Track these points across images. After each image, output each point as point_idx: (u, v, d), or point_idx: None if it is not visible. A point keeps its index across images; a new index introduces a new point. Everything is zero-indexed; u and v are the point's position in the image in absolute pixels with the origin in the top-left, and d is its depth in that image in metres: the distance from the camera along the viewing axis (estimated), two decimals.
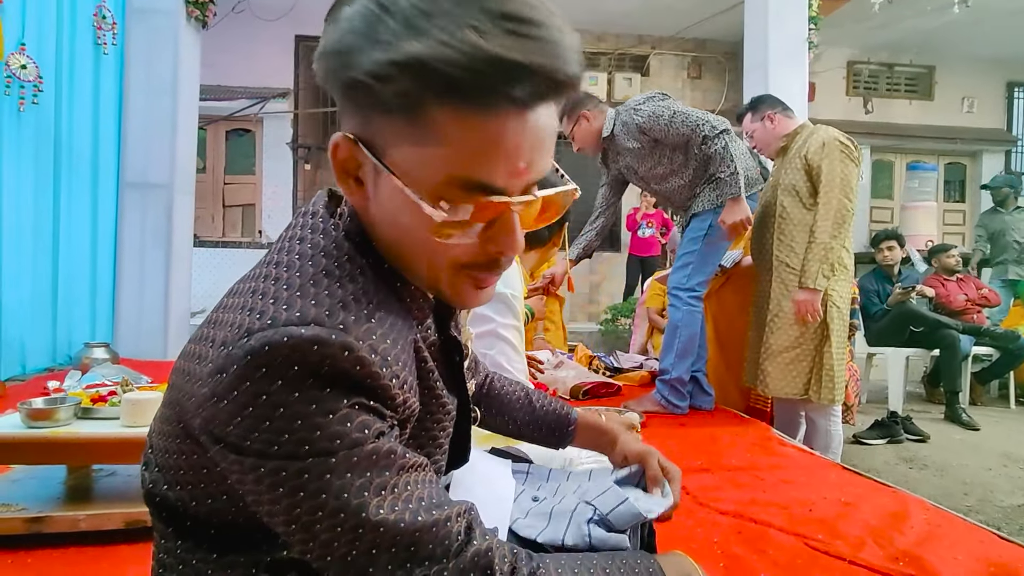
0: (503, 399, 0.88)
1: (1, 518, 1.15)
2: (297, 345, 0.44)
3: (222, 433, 0.45)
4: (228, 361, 0.45)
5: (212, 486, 0.51)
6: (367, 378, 0.46)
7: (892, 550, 1.26)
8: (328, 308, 0.47)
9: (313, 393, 0.44)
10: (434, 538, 0.47)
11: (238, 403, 0.44)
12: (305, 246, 0.52)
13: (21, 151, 2.84)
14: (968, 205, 7.55)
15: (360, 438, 0.45)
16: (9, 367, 2.79)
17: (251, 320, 0.46)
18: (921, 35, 6.47)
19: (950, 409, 3.81)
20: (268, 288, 0.49)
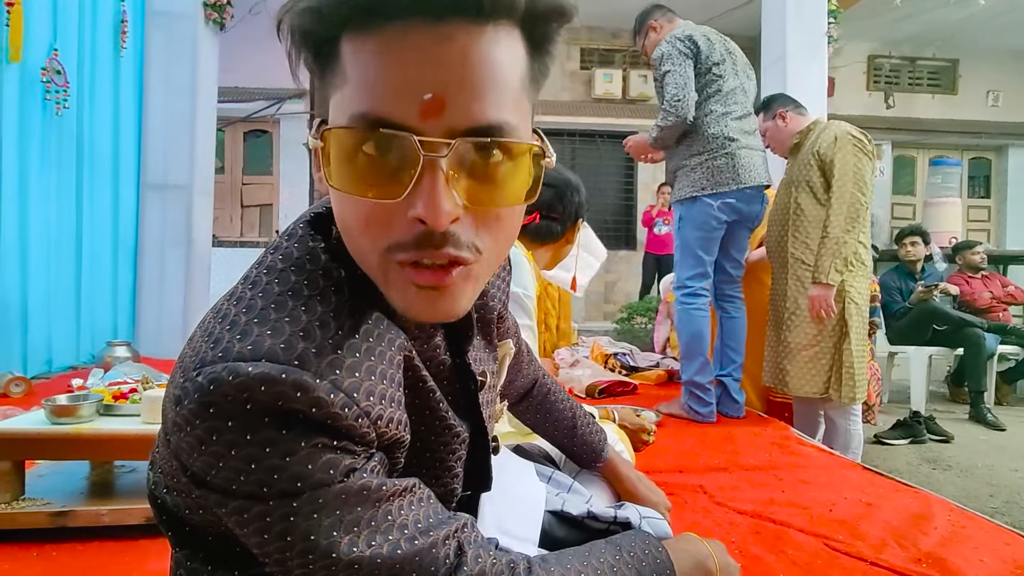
0: (550, 412, 0.90)
1: (27, 512, 1.18)
2: (244, 384, 0.40)
3: (188, 462, 0.43)
4: (183, 393, 0.42)
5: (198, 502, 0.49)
6: (326, 419, 0.42)
7: (915, 551, 1.23)
8: (285, 339, 0.42)
9: (267, 434, 0.40)
10: (418, 568, 0.44)
11: (196, 437, 0.41)
12: (277, 258, 0.48)
13: (46, 154, 2.90)
14: (994, 201, 7.39)
15: (325, 479, 0.42)
16: (35, 365, 2.85)
17: (206, 349, 0.42)
18: (944, 27, 6.34)
19: (975, 409, 3.73)
20: (230, 310, 0.45)
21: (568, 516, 0.72)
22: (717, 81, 2.29)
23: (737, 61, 2.38)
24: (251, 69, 6.16)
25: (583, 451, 0.92)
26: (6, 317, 2.67)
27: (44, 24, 2.79)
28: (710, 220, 2.31)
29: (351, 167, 0.42)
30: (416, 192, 0.40)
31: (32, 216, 2.80)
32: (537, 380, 0.90)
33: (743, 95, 2.36)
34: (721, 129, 2.29)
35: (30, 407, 1.74)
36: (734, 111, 2.31)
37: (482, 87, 0.41)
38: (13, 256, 2.70)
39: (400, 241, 0.42)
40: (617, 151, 6.94)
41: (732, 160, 2.27)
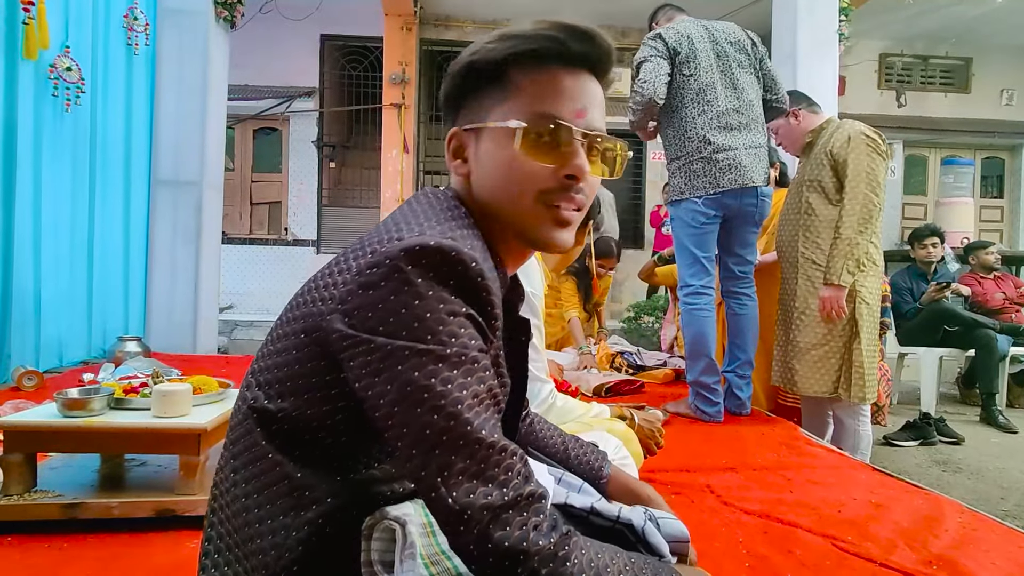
0: (540, 443, 0.92)
1: (39, 503, 1.19)
2: (441, 249, 0.55)
3: (363, 317, 0.55)
4: (383, 256, 0.56)
5: (319, 393, 0.59)
6: (483, 291, 0.57)
7: (925, 553, 1.22)
8: (455, 235, 0.59)
9: (445, 293, 0.55)
10: (502, 463, 0.53)
11: (386, 290, 0.54)
12: (425, 203, 0.66)
13: (59, 151, 2.92)
14: (1007, 201, 7.30)
15: (470, 344, 0.55)
16: (48, 360, 2.87)
17: (399, 233, 0.58)
18: (958, 25, 6.27)
19: (986, 411, 3.69)
20: (403, 221, 0.61)
21: (572, 510, 0.72)
22: (688, 80, 2.27)
23: (725, 53, 2.30)
24: (261, 67, 6.19)
25: (584, 470, 0.91)
26: (20, 312, 2.69)
27: (56, 22, 2.81)
28: (697, 216, 2.32)
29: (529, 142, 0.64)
30: (571, 160, 0.64)
31: (45, 212, 2.83)
32: (527, 415, 0.93)
33: (727, 90, 2.27)
34: (696, 132, 2.27)
35: (42, 401, 1.76)
36: (711, 111, 2.25)
37: (599, 108, 0.68)
38: (26, 252, 2.73)
39: (551, 188, 0.64)
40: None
41: (708, 164, 2.26)
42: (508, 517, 0.51)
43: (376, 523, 0.59)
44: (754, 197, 2.32)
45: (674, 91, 2.30)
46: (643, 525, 0.71)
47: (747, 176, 2.26)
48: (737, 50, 2.33)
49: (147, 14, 3.51)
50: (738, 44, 2.34)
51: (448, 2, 6.12)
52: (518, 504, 0.52)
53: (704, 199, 2.29)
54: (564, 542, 0.53)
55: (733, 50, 2.33)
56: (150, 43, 3.56)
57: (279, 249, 6.62)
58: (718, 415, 2.35)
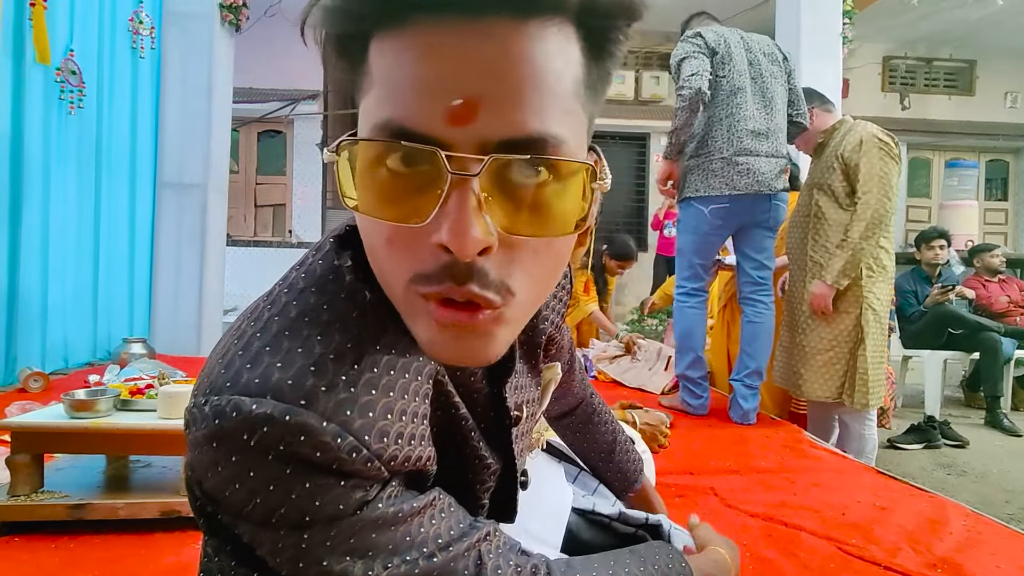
0: (590, 434, 0.88)
1: (45, 505, 1.20)
2: (247, 421, 0.38)
3: (203, 479, 0.41)
4: (191, 418, 0.41)
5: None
6: (332, 463, 0.39)
7: (930, 557, 1.22)
8: (294, 374, 0.39)
9: (271, 472, 0.38)
10: (449, 559, 0.43)
11: (207, 460, 0.40)
12: (300, 275, 0.45)
13: (65, 154, 2.94)
14: (1011, 203, 7.28)
15: (334, 513, 0.40)
16: (53, 361, 2.89)
17: (218, 371, 0.41)
18: (961, 28, 6.26)
19: (991, 414, 3.68)
20: (247, 328, 0.43)
21: (597, 517, 0.72)
22: (721, 81, 2.27)
23: (757, 62, 2.32)
24: (266, 70, 6.21)
25: (616, 478, 0.90)
26: (26, 313, 2.71)
27: (61, 25, 2.83)
28: (702, 224, 2.34)
29: (372, 183, 0.36)
30: (442, 215, 0.35)
31: (52, 214, 2.84)
32: (584, 400, 0.87)
33: (756, 97, 2.29)
34: (721, 133, 2.27)
35: (48, 402, 1.77)
36: (738, 114, 2.26)
37: (523, 91, 0.34)
38: (33, 254, 2.74)
39: (424, 271, 0.37)
40: (629, 152, 6.92)
41: (728, 166, 2.26)
42: None
43: None
44: (767, 202, 2.32)
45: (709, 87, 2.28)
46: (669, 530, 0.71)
47: (763, 183, 2.26)
48: (770, 61, 2.35)
49: (152, 18, 3.53)
50: (771, 56, 2.36)
51: None
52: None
53: (714, 207, 2.29)
54: None
55: (766, 61, 2.34)
56: (155, 46, 3.58)
57: (283, 251, 6.63)
58: (702, 408, 2.44)
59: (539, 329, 0.59)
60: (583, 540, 0.70)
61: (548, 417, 0.91)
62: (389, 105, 0.36)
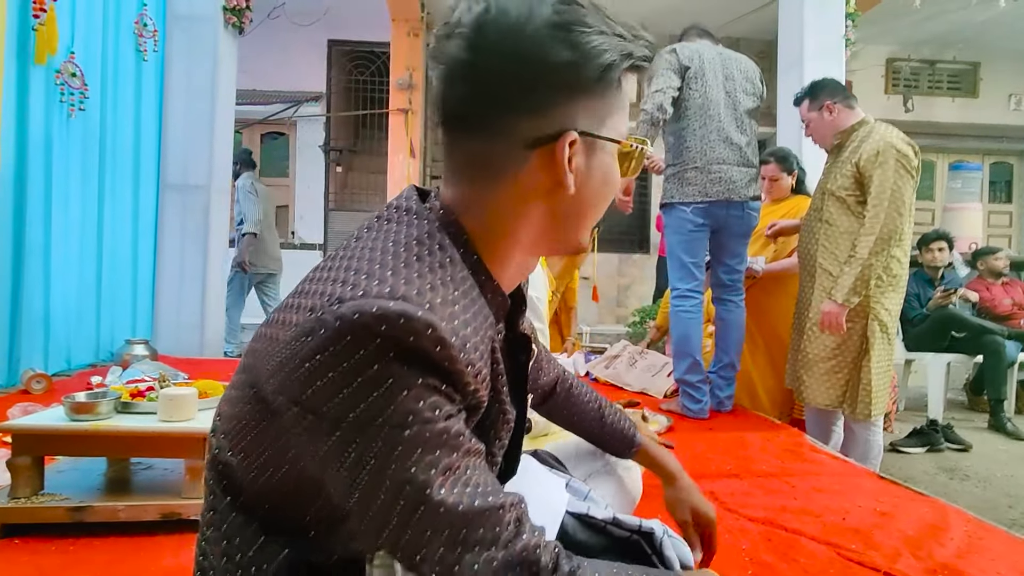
0: (578, 406, 0.94)
1: (46, 507, 1.20)
2: (384, 316, 0.46)
3: (301, 395, 0.47)
4: (317, 325, 0.47)
5: (274, 456, 0.52)
6: (444, 360, 0.48)
7: (930, 562, 1.22)
8: (417, 288, 0.48)
9: (393, 367, 0.46)
10: (486, 524, 0.48)
11: (321, 366, 0.46)
12: (399, 233, 0.53)
13: (69, 156, 2.95)
14: (1016, 206, 7.25)
15: (431, 417, 0.47)
16: (56, 363, 2.90)
17: (343, 290, 0.48)
18: (965, 30, 6.25)
19: (994, 418, 3.67)
20: (361, 265, 0.50)
21: (592, 521, 0.73)
22: (693, 94, 2.39)
23: (733, 77, 2.44)
24: (269, 72, 6.24)
25: (615, 439, 0.95)
26: (29, 315, 2.72)
27: (63, 27, 2.84)
28: (685, 224, 2.45)
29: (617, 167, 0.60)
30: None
31: (54, 216, 2.85)
32: (559, 377, 0.93)
33: (728, 110, 2.41)
34: (694, 143, 2.40)
35: (50, 404, 1.77)
36: (710, 125, 2.39)
37: None
38: (36, 255, 2.76)
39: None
40: None
41: (700, 174, 2.40)
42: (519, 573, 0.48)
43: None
44: (740, 210, 2.45)
45: (680, 104, 2.42)
46: (661, 537, 0.72)
47: (735, 191, 2.41)
48: (745, 78, 2.47)
49: (156, 21, 3.55)
50: (746, 74, 2.49)
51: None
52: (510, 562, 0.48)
53: (693, 207, 2.43)
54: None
55: (742, 78, 2.47)
56: (159, 49, 3.59)
57: (286, 253, 6.60)
58: (702, 412, 2.46)
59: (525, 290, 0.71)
60: (579, 541, 0.71)
61: (535, 406, 0.94)
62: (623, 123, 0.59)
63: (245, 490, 0.54)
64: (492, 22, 0.51)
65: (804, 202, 2.66)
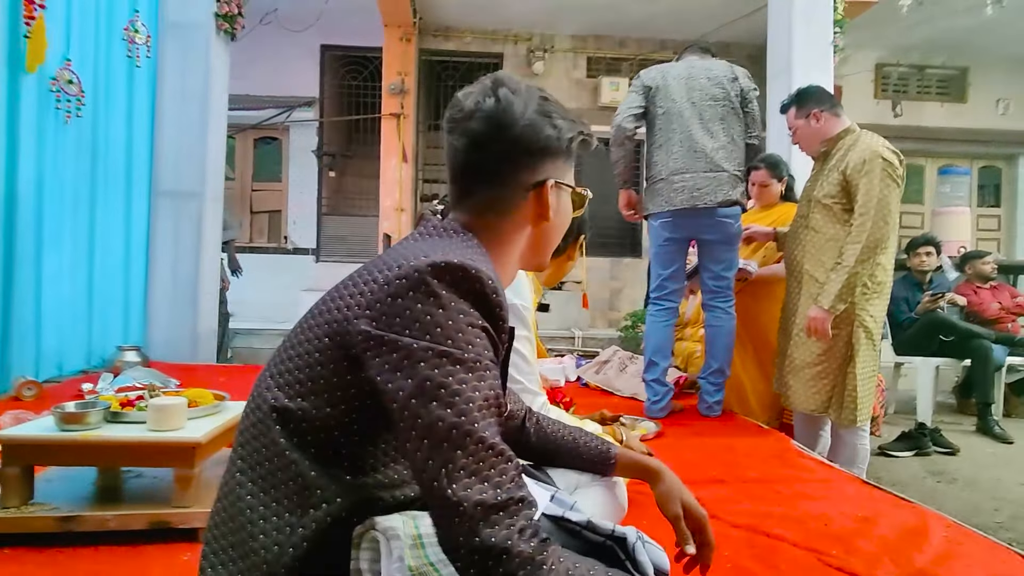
0: (550, 438, 1.00)
1: (35, 516, 1.21)
2: (462, 266, 0.64)
3: (390, 321, 0.62)
4: (410, 270, 0.63)
5: (339, 393, 0.65)
6: (496, 307, 0.65)
7: (909, 568, 1.24)
8: (472, 258, 0.66)
9: (465, 306, 0.63)
10: (498, 465, 0.58)
11: (413, 299, 0.62)
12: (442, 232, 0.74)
13: (61, 162, 2.95)
14: (1004, 210, 7.33)
15: (483, 354, 0.62)
16: (47, 369, 2.89)
17: (423, 254, 0.65)
18: (953, 36, 6.31)
19: (982, 421, 3.70)
20: (422, 247, 0.68)
21: (567, 524, 0.75)
22: (658, 110, 2.51)
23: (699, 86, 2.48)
24: (261, 77, 6.24)
25: (593, 460, 0.99)
26: (20, 322, 2.71)
27: (57, 35, 2.84)
28: (656, 237, 2.62)
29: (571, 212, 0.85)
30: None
31: (46, 221, 2.85)
32: (526, 412, 0.99)
33: (694, 119, 2.46)
34: (660, 157, 2.51)
35: (41, 411, 1.78)
36: (674, 138, 2.47)
37: None
38: (27, 261, 2.75)
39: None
40: None
41: (666, 185, 2.49)
42: (498, 518, 0.55)
43: (365, 532, 0.62)
44: (710, 217, 2.48)
45: (649, 121, 2.56)
46: (634, 543, 0.73)
47: (700, 198, 2.45)
48: (713, 83, 2.51)
49: (148, 27, 3.55)
50: (715, 79, 2.52)
51: (447, 13, 6.17)
52: (508, 507, 0.56)
53: (661, 221, 2.54)
54: (543, 548, 0.56)
55: (710, 84, 2.51)
56: (151, 55, 3.60)
57: (279, 258, 6.65)
58: (661, 412, 2.55)
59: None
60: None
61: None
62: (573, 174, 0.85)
63: (308, 432, 0.65)
64: (504, 111, 0.75)
65: (793, 208, 2.68)
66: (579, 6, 5.93)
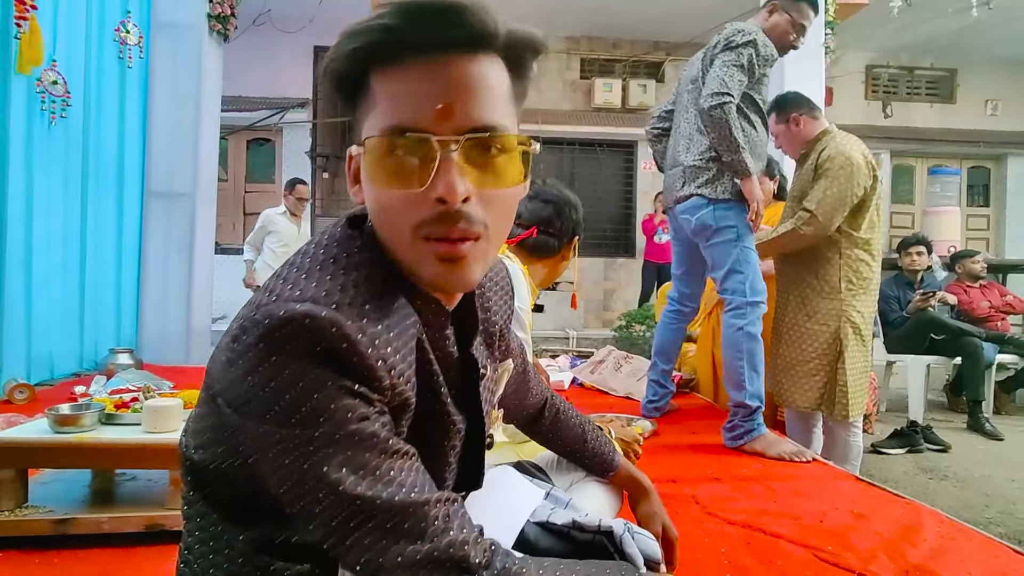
0: (561, 431, 0.97)
1: (30, 519, 1.20)
2: (291, 318, 0.49)
3: (232, 397, 0.51)
4: (240, 331, 0.51)
5: (227, 448, 0.56)
6: (353, 356, 0.50)
7: (903, 563, 1.25)
8: (326, 288, 0.52)
9: (303, 369, 0.49)
10: (411, 519, 0.50)
11: (245, 369, 0.50)
12: (323, 238, 0.59)
13: (51, 164, 2.93)
14: (993, 210, 7.40)
15: (343, 418, 0.49)
16: (39, 372, 2.87)
17: (263, 298, 0.52)
18: (942, 37, 6.38)
19: (973, 418, 3.74)
20: (284, 272, 0.55)
21: (553, 527, 0.74)
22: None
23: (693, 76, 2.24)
24: (254, 78, 6.22)
25: (596, 462, 0.98)
26: (10, 324, 2.69)
27: (46, 36, 2.81)
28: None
29: (386, 167, 0.54)
30: (436, 180, 0.52)
31: (37, 224, 2.83)
32: (547, 400, 0.96)
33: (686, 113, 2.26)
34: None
35: (33, 414, 1.76)
36: (674, 135, 2.37)
37: (479, 97, 0.54)
38: (18, 264, 2.73)
39: (425, 219, 0.53)
40: (616, 160, 6.98)
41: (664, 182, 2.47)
42: (428, 571, 0.49)
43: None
44: (676, 217, 2.33)
45: None
46: (621, 535, 0.74)
47: (670, 194, 2.35)
48: (695, 63, 2.27)
49: (140, 27, 3.53)
50: (699, 56, 2.26)
51: None
52: (436, 557, 0.49)
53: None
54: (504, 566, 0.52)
55: (691, 70, 2.28)
56: (143, 56, 3.58)
57: None
58: (656, 412, 2.51)
59: (492, 320, 0.72)
60: (543, 548, 0.73)
61: (522, 426, 0.97)
62: (393, 115, 0.53)
63: (210, 482, 0.58)
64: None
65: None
66: (573, 8, 5.95)
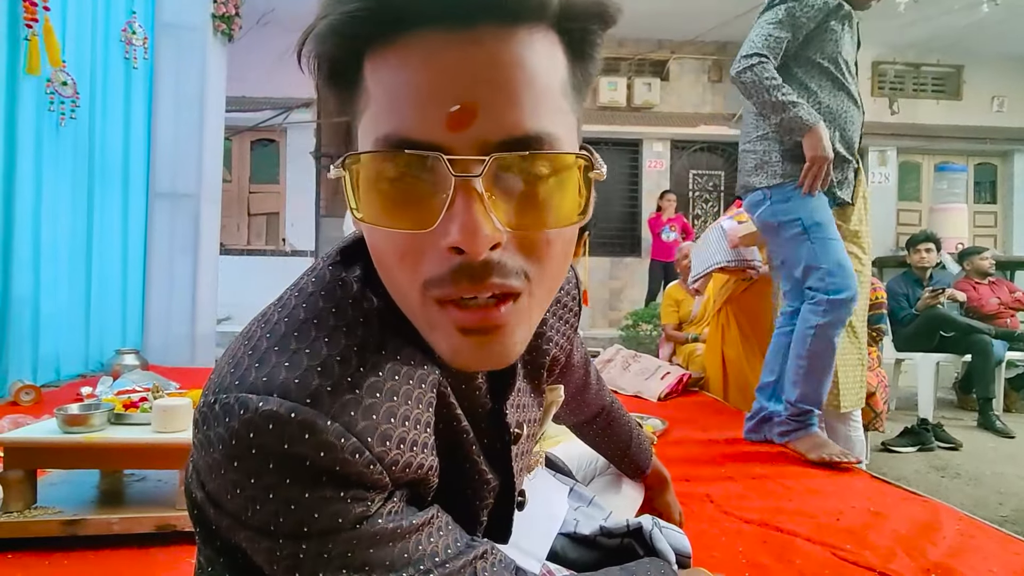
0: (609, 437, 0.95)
1: (39, 520, 1.19)
2: (251, 421, 0.37)
3: (206, 479, 0.41)
4: (201, 418, 0.40)
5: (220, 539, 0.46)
6: (334, 465, 0.38)
7: (923, 561, 1.23)
8: (301, 374, 0.38)
9: (272, 479, 0.37)
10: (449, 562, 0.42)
11: (210, 462, 0.39)
12: (310, 280, 0.45)
13: (59, 165, 2.93)
14: (1000, 206, 7.36)
15: (332, 527, 0.38)
16: (45, 374, 2.87)
17: (226, 372, 0.40)
18: (949, 34, 6.35)
19: (983, 416, 3.71)
20: (256, 331, 0.42)
21: (578, 536, 0.73)
22: None
23: None
24: (258, 79, 6.22)
25: (629, 468, 0.99)
26: (17, 326, 2.69)
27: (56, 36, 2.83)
28: None
29: (378, 195, 0.37)
30: (449, 218, 0.35)
31: (44, 225, 2.83)
32: (604, 407, 0.91)
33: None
34: None
35: (40, 415, 1.76)
36: None
37: (516, 93, 0.36)
38: (25, 265, 2.73)
39: (436, 276, 0.37)
40: (622, 158, 6.96)
41: None
42: None
43: None
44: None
45: None
46: (650, 531, 0.72)
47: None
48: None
49: (145, 28, 3.53)
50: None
51: None
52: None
53: None
54: None
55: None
56: (148, 57, 3.58)
57: (277, 260, 6.63)
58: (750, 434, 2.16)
59: (543, 350, 0.59)
60: (572, 560, 0.71)
61: (571, 424, 0.96)
62: (388, 118, 0.36)
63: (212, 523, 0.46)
64: None
65: None
66: None
